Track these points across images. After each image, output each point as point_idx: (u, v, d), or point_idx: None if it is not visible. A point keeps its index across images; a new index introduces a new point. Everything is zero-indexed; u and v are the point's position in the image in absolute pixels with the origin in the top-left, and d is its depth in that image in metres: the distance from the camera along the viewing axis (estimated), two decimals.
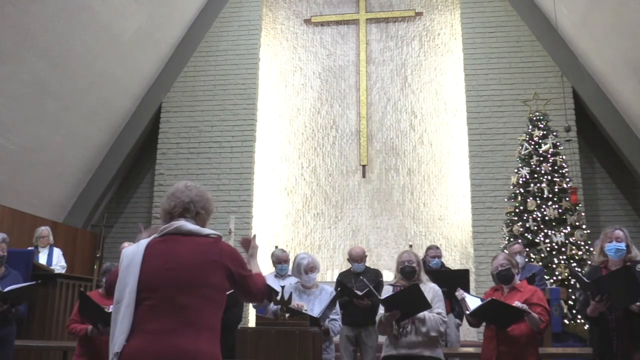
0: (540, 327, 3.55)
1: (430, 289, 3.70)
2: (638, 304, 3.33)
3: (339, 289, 4.78)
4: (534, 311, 3.54)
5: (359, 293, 4.74)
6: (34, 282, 4.54)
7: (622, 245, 3.52)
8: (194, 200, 2.21)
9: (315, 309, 4.09)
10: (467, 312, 3.72)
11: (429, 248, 6.00)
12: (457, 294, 3.88)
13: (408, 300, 3.51)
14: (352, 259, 5.27)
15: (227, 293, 4.18)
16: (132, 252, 2.11)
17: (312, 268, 4.33)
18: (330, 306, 4.09)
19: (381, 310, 3.69)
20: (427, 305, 3.49)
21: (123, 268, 2.10)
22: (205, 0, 9.51)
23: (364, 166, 9.08)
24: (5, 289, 4.21)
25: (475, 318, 3.76)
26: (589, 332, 5.40)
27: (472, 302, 3.78)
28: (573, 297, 6.49)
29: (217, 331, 2.06)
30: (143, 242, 2.14)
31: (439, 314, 3.57)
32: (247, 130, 9.04)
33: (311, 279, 4.32)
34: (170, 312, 1.97)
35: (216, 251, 2.11)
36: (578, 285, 5.76)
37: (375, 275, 5.23)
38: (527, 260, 6.20)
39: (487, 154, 8.47)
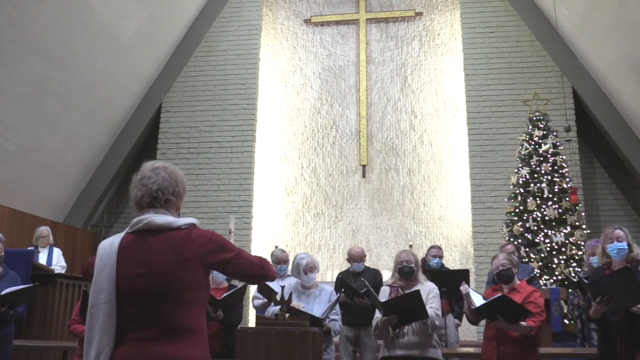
0: (531, 333, 3.53)
1: (426, 287, 3.69)
2: (639, 306, 3.32)
3: (342, 289, 4.78)
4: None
5: (361, 291, 4.74)
6: (31, 285, 4.52)
7: (624, 245, 3.50)
8: (162, 186, 2.03)
9: (315, 309, 4.08)
10: (473, 307, 3.70)
11: (431, 247, 6.01)
12: (461, 288, 3.87)
13: (407, 306, 3.48)
14: (351, 258, 5.27)
15: (226, 295, 4.21)
16: (107, 252, 1.98)
17: (311, 268, 4.32)
18: (331, 308, 4.09)
19: (378, 314, 3.68)
20: (424, 315, 3.46)
21: (98, 268, 1.97)
22: (205, 0, 9.51)
23: (364, 166, 9.08)
24: (3, 292, 4.20)
25: (478, 314, 3.73)
26: (579, 331, 5.41)
27: (476, 298, 3.78)
28: (571, 297, 6.48)
29: (201, 331, 1.96)
30: (117, 240, 2.00)
31: (431, 308, 3.53)
32: (247, 130, 9.04)
33: (310, 279, 4.32)
34: (150, 319, 1.88)
35: (188, 246, 1.94)
36: (571, 290, 5.77)
37: (374, 275, 5.23)
38: (522, 260, 6.20)
39: (487, 154, 8.47)
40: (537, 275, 5.86)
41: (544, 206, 7.06)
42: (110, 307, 1.90)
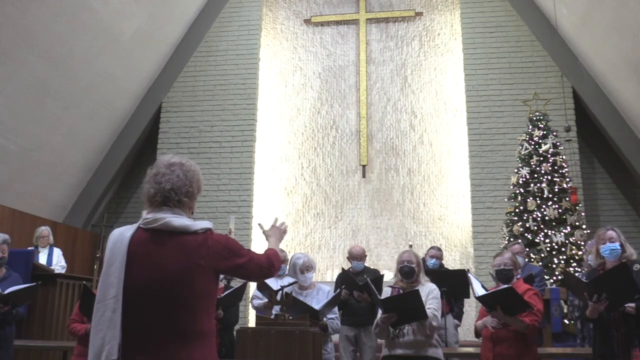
0: (525, 331, 3.51)
1: (427, 288, 3.69)
2: (633, 305, 3.33)
3: (343, 285, 4.78)
4: None
5: (360, 283, 4.76)
6: (34, 284, 4.53)
7: (616, 245, 3.55)
8: (176, 186, 1.99)
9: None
10: (476, 295, 3.70)
11: (430, 248, 6.03)
12: (469, 274, 3.90)
13: (406, 305, 3.48)
14: (352, 256, 5.29)
15: (226, 293, 4.22)
16: (117, 246, 1.92)
17: (307, 267, 4.33)
18: (331, 303, 4.09)
19: (380, 313, 3.68)
20: (423, 315, 3.46)
21: (108, 262, 1.91)
22: (205, 0, 9.52)
23: (364, 166, 9.08)
24: (6, 291, 4.21)
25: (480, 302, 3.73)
26: (578, 331, 5.41)
27: (477, 286, 3.79)
28: (571, 298, 6.48)
29: (209, 335, 1.94)
30: (127, 234, 1.94)
31: (429, 308, 3.53)
32: (247, 130, 9.04)
33: (307, 279, 4.33)
34: (157, 323, 1.85)
35: (203, 253, 1.92)
36: (570, 291, 5.76)
37: (374, 274, 5.24)
38: (526, 260, 6.20)
39: (487, 154, 8.47)
40: (542, 272, 5.82)
41: (544, 206, 7.07)
42: (116, 303, 1.85)
